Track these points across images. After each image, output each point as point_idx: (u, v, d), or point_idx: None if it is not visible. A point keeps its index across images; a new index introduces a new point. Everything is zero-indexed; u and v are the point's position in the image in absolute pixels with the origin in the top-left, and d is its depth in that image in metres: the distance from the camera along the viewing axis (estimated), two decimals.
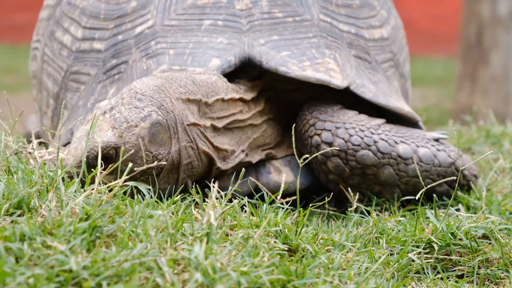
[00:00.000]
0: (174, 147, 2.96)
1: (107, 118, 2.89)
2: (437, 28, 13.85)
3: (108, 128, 2.86)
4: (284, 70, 3.21)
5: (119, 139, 2.85)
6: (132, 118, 2.88)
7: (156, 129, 2.91)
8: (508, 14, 8.22)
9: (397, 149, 3.21)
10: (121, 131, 2.86)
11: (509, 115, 7.62)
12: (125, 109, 2.90)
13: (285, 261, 2.40)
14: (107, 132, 2.85)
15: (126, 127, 2.87)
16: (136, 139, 2.87)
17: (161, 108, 2.94)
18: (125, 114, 2.88)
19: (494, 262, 2.74)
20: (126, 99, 2.92)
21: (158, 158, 2.91)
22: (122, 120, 2.87)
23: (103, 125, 2.87)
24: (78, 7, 3.52)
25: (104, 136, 2.83)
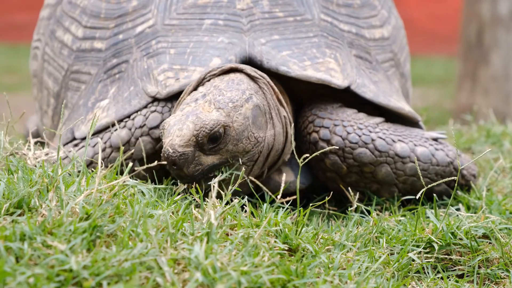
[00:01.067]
0: (269, 131, 3.04)
1: (203, 102, 2.93)
2: (437, 28, 13.85)
3: (212, 109, 2.90)
4: (285, 70, 3.21)
5: (227, 118, 2.91)
6: (237, 98, 2.95)
7: (256, 112, 2.99)
8: (509, 14, 8.21)
9: (394, 148, 3.21)
10: (228, 110, 2.92)
11: (509, 115, 7.62)
12: (226, 91, 2.95)
13: (285, 261, 2.40)
14: (212, 112, 2.89)
15: (232, 107, 2.93)
16: (243, 118, 2.94)
17: (258, 93, 3.03)
18: (229, 95, 2.95)
19: (494, 262, 2.74)
20: (223, 85, 2.98)
21: (258, 141, 2.99)
22: (227, 101, 2.93)
23: (203, 107, 2.91)
24: (79, 6, 3.52)
25: (211, 115, 2.88)
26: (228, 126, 2.91)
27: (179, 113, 2.92)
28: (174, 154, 2.83)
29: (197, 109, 2.91)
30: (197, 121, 2.86)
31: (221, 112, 2.91)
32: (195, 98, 2.97)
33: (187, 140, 2.85)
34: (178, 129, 2.86)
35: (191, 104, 2.94)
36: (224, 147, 2.91)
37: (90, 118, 3.27)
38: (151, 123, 3.12)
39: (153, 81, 3.20)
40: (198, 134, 2.85)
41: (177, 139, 2.84)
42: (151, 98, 3.18)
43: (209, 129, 2.86)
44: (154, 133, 3.11)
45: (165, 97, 3.16)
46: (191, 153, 2.85)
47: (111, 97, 3.28)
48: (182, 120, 2.87)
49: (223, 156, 2.92)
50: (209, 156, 2.90)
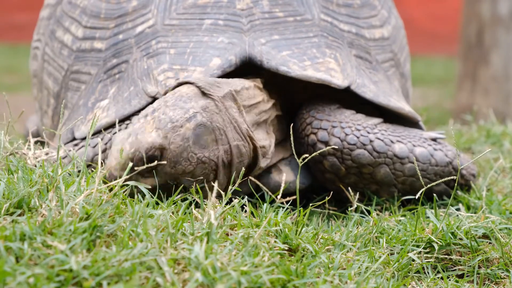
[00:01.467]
0: (222, 147, 2.94)
1: (150, 120, 2.87)
2: (437, 28, 13.85)
3: (152, 129, 2.84)
4: (285, 70, 3.21)
5: (164, 140, 2.83)
6: (177, 118, 2.86)
7: (200, 130, 2.88)
8: (509, 14, 8.21)
9: (393, 148, 3.21)
10: (166, 132, 2.84)
11: (509, 115, 7.62)
12: (170, 110, 2.88)
13: (285, 261, 2.40)
14: (151, 133, 2.83)
15: (171, 127, 2.84)
16: (181, 139, 2.85)
17: (206, 110, 2.92)
18: (170, 114, 2.87)
19: (494, 262, 2.74)
20: (171, 101, 2.91)
21: (202, 161, 2.88)
22: (167, 121, 2.85)
23: (146, 126, 2.85)
24: (78, 6, 3.52)
25: (149, 137, 2.82)
26: (164, 148, 2.82)
27: (126, 131, 2.88)
28: (110, 178, 2.79)
29: (141, 127, 2.85)
30: (134, 143, 2.80)
31: (159, 133, 2.83)
32: (145, 114, 2.91)
33: (123, 163, 2.79)
34: (116, 150, 2.82)
35: (141, 120, 2.89)
36: (161, 170, 2.83)
37: (90, 118, 3.27)
38: None
39: (153, 81, 3.20)
40: (133, 157, 2.79)
41: (114, 161, 2.81)
42: (151, 98, 3.18)
43: (144, 151, 2.79)
44: None
45: None
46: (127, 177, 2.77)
47: (111, 97, 3.28)
48: (124, 139, 2.83)
49: (162, 178, 2.85)
50: (148, 179, 2.84)
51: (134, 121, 2.92)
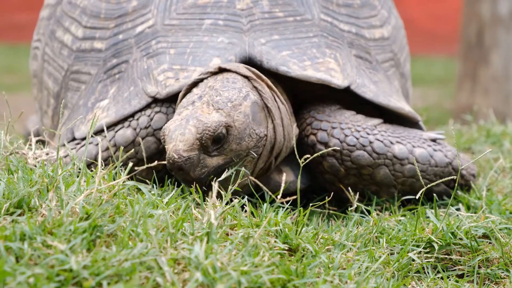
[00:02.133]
0: (270, 125, 3.05)
1: (201, 104, 2.93)
2: (437, 28, 13.85)
3: (211, 111, 2.91)
4: (285, 70, 3.21)
5: (228, 118, 2.92)
6: (234, 97, 2.96)
7: (255, 108, 3.00)
8: (509, 14, 8.21)
9: (392, 150, 3.21)
10: (228, 110, 2.93)
11: (509, 115, 7.62)
12: (223, 91, 2.96)
13: (286, 261, 2.40)
14: (213, 114, 2.90)
15: (232, 106, 2.94)
16: (243, 116, 2.95)
17: (253, 90, 3.04)
18: (226, 95, 2.96)
19: (494, 262, 2.74)
20: (218, 84, 2.99)
21: (260, 137, 3.00)
22: (225, 100, 2.94)
23: (202, 110, 2.92)
24: (78, 6, 3.52)
25: (213, 117, 2.89)
26: (230, 126, 2.91)
27: (178, 117, 2.92)
28: (180, 159, 2.83)
29: (196, 111, 2.91)
30: (198, 124, 2.86)
31: (221, 112, 2.91)
32: (192, 101, 2.97)
33: (191, 144, 2.85)
34: (180, 133, 2.85)
35: (189, 107, 2.94)
36: (228, 147, 2.92)
37: (90, 118, 3.27)
38: (156, 124, 3.12)
39: (153, 81, 3.20)
40: (202, 137, 2.85)
41: (180, 144, 2.84)
42: (151, 98, 3.18)
43: (212, 131, 2.87)
44: (159, 134, 3.12)
45: (164, 97, 3.16)
46: (196, 157, 2.85)
47: (111, 97, 3.28)
48: (183, 125, 2.87)
49: (227, 156, 2.93)
50: (214, 158, 2.91)
51: (177, 111, 2.97)
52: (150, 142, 3.12)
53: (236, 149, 2.94)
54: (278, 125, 3.09)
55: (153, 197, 2.67)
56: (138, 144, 3.12)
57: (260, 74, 3.12)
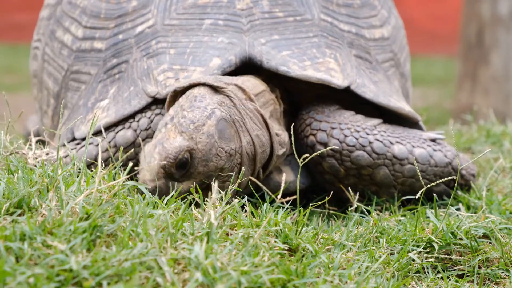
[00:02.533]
0: (245, 139, 2.99)
1: (171, 127, 2.90)
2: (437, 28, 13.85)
3: (176, 134, 2.87)
4: (285, 70, 3.21)
5: (191, 141, 2.87)
6: (197, 118, 2.90)
7: (222, 125, 2.94)
8: (509, 14, 8.21)
9: (392, 150, 3.21)
10: (190, 133, 2.88)
11: (509, 115, 7.62)
12: (187, 112, 2.92)
13: (286, 261, 2.40)
14: (176, 138, 2.87)
15: (194, 128, 2.89)
16: (207, 137, 2.89)
17: (223, 105, 2.97)
18: (189, 116, 2.91)
19: (494, 262, 2.74)
20: (186, 104, 2.94)
21: (231, 154, 2.94)
22: (188, 123, 2.89)
23: (170, 134, 2.89)
24: (78, 6, 3.52)
25: (175, 143, 2.85)
26: (192, 149, 2.86)
27: (153, 140, 2.91)
28: (150, 188, 2.83)
29: (165, 136, 2.89)
30: (162, 151, 2.84)
31: (184, 136, 2.86)
32: (165, 123, 2.94)
33: (156, 173, 2.84)
34: (147, 162, 2.86)
35: (162, 130, 2.93)
36: (195, 170, 2.87)
37: (90, 118, 3.27)
38: (156, 126, 3.12)
39: (153, 81, 3.20)
40: (165, 165, 2.83)
41: (147, 174, 2.85)
42: (151, 98, 3.18)
43: (173, 158, 2.83)
44: None
45: (164, 97, 3.16)
46: (164, 185, 2.84)
47: (111, 97, 3.28)
48: (151, 152, 2.87)
49: (196, 179, 2.89)
50: (184, 182, 2.88)
51: (156, 133, 2.95)
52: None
53: (204, 171, 2.89)
54: (257, 137, 3.03)
55: (153, 197, 2.67)
56: (138, 145, 3.12)
57: (236, 83, 3.05)
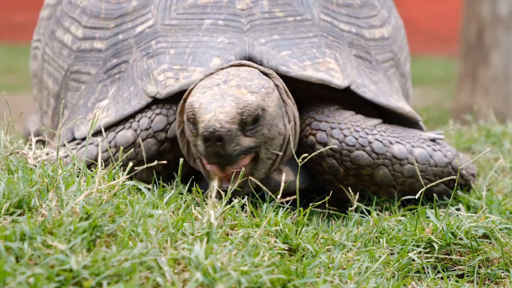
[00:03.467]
0: (286, 124, 3.08)
1: (229, 87, 2.93)
2: (437, 27, 13.85)
3: (246, 92, 2.91)
4: (285, 70, 3.21)
5: (263, 102, 2.95)
6: (266, 85, 2.99)
7: (280, 101, 3.04)
8: (509, 14, 8.21)
9: (392, 150, 3.21)
10: (262, 95, 2.95)
11: (509, 115, 7.62)
12: (253, 79, 2.98)
13: (286, 261, 2.40)
14: (248, 95, 2.91)
15: (265, 93, 2.97)
16: (275, 105, 2.99)
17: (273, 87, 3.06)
18: (258, 82, 2.98)
19: (494, 262, 2.74)
20: (244, 74, 3.00)
21: (281, 131, 3.04)
22: (259, 86, 2.96)
23: (232, 90, 2.91)
24: (78, 6, 3.52)
25: (251, 97, 2.91)
26: (265, 109, 2.93)
27: (203, 95, 2.91)
28: (222, 129, 2.82)
29: (227, 91, 2.91)
30: (238, 101, 2.87)
31: (257, 96, 2.92)
32: (216, 83, 2.97)
33: (232, 117, 2.85)
34: (219, 106, 2.85)
35: (213, 88, 2.94)
36: (261, 130, 2.94)
37: (90, 118, 3.27)
38: (157, 126, 3.12)
39: (153, 81, 3.20)
40: (243, 112, 2.86)
41: (221, 115, 2.84)
42: (151, 98, 3.18)
43: (253, 109, 2.88)
44: (160, 136, 3.12)
45: (165, 97, 3.16)
46: (235, 131, 2.86)
47: (111, 97, 3.28)
48: (219, 99, 2.87)
49: (258, 139, 2.95)
50: (247, 138, 2.92)
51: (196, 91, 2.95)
52: (150, 143, 3.12)
53: (266, 134, 2.96)
54: (292, 127, 3.11)
55: (153, 197, 2.67)
56: (139, 145, 3.12)
57: (278, 76, 3.13)
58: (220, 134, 2.82)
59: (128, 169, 2.66)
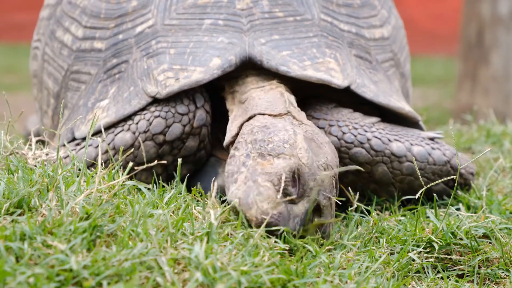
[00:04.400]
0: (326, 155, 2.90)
1: (253, 161, 2.77)
2: (437, 27, 13.85)
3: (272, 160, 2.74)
4: (285, 70, 3.21)
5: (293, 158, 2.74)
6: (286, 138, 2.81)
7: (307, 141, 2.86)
8: (509, 14, 8.22)
9: (390, 147, 3.21)
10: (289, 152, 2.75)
11: (509, 115, 7.62)
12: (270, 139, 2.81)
13: (286, 261, 2.40)
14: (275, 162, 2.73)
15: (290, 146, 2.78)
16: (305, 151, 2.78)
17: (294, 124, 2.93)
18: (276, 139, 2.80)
19: (494, 262, 2.74)
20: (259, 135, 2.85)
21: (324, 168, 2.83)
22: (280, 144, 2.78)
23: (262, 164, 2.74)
24: (78, 6, 3.52)
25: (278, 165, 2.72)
26: (299, 165, 2.74)
27: (236, 184, 2.75)
28: (272, 218, 2.64)
29: (256, 169, 2.74)
30: (272, 177, 2.69)
31: (284, 156, 2.74)
32: (242, 163, 2.80)
33: (274, 198, 2.67)
34: (256, 195, 2.67)
35: (242, 170, 2.78)
36: (307, 187, 2.72)
37: (90, 118, 3.27)
38: (155, 129, 3.12)
39: (153, 81, 3.20)
40: (279, 186, 2.68)
41: (264, 204, 2.66)
42: (151, 98, 3.18)
43: (287, 175, 2.70)
44: (158, 138, 3.11)
45: (165, 97, 3.16)
46: (285, 209, 2.67)
47: (111, 97, 3.28)
48: (252, 186, 2.70)
49: (309, 196, 2.73)
50: (299, 204, 2.71)
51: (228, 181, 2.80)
52: (149, 146, 3.12)
53: (314, 185, 2.73)
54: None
55: (153, 197, 2.67)
56: (137, 148, 3.11)
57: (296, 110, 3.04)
58: (274, 223, 2.64)
59: (128, 168, 2.65)
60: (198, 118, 3.14)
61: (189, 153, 3.17)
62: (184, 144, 3.14)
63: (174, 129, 3.12)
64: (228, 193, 2.78)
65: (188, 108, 3.14)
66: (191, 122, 3.13)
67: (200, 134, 3.16)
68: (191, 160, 3.19)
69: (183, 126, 3.13)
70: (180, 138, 3.13)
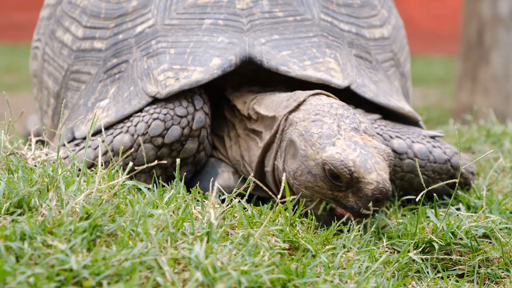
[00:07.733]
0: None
1: (348, 133, 2.86)
2: (437, 27, 13.85)
3: (368, 137, 2.87)
4: (285, 70, 3.21)
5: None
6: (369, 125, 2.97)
7: None
8: (509, 14, 8.21)
9: (391, 144, 3.21)
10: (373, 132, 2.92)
11: (509, 115, 7.62)
12: (357, 117, 2.94)
13: (286, 260, 2.40)
14: (373, 141, 2.87)
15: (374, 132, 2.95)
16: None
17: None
18: (364, 120, 2.94)
19: (494, 262, 2.74)
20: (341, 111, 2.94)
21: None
22: (369, 127, 2.92)
23: (359, 138, 2.85)
24: (78, 6, 3.52)
25: (380, 144, 2.88)
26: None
27: (343, 146, 2.81)
28: (390, 187, 2.76)
29: (357, 140, 2.82)
30: (381, 152, 2.82)
31: (376, 139, 2.89)
32: (336, 128, 2.86)
33: (388, 172, 2.79)
34: (374, 163, 2.77)
35: (339, 137, 2.84)
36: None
37: (90, 118, 3.27)
38: (154, 132, 3.10)
39: (153, 81, 3.20)
40: (389, 164, 2.82)
41: (382, 173, 2.77)
42: (151, 98, 3.18)
43: (393, 156, 2.85)
44: (157, 141, 3.11)
45: (165, 97, 3.16)
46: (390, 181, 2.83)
47: (111, 97, 3.28)
48: (366, 154, 2.78)
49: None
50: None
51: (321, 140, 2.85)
52: (147, 148, 3.11)
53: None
54: None
55: (153, 197, 2.67)
56: (136, 150, 3.11)
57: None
58: (388, 193, 2.75)
59: (128, 168, 2.65)
60: (197, 121, 3.13)
61: (188, 155, 3.16)
62: (183, 146, 3.14)
63: (172, 131, 3.11)
64: (319, 151, 2.81)
65: (187, 110, 3.13)
66: (190, 125, 3.12)
67: (199, 136, 3.15)
68: (190, 162, 3.19)
69: (182, 128, 3.12)
70: (179, 141, 3.12)
